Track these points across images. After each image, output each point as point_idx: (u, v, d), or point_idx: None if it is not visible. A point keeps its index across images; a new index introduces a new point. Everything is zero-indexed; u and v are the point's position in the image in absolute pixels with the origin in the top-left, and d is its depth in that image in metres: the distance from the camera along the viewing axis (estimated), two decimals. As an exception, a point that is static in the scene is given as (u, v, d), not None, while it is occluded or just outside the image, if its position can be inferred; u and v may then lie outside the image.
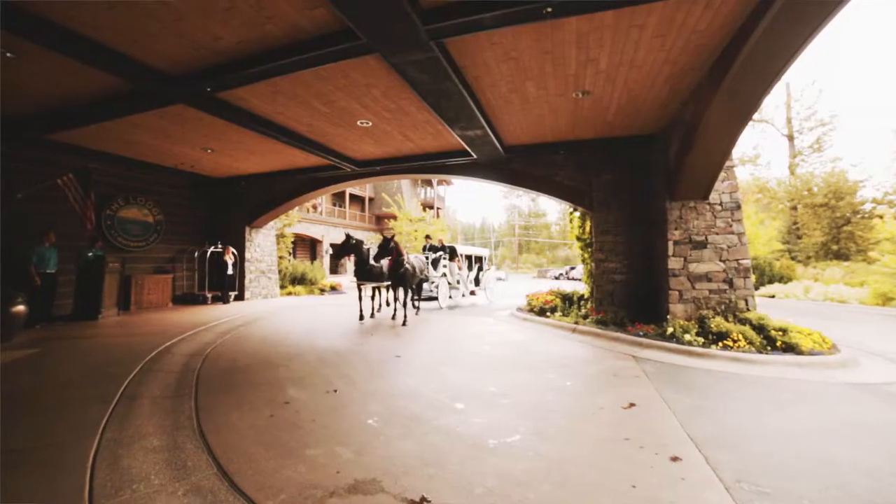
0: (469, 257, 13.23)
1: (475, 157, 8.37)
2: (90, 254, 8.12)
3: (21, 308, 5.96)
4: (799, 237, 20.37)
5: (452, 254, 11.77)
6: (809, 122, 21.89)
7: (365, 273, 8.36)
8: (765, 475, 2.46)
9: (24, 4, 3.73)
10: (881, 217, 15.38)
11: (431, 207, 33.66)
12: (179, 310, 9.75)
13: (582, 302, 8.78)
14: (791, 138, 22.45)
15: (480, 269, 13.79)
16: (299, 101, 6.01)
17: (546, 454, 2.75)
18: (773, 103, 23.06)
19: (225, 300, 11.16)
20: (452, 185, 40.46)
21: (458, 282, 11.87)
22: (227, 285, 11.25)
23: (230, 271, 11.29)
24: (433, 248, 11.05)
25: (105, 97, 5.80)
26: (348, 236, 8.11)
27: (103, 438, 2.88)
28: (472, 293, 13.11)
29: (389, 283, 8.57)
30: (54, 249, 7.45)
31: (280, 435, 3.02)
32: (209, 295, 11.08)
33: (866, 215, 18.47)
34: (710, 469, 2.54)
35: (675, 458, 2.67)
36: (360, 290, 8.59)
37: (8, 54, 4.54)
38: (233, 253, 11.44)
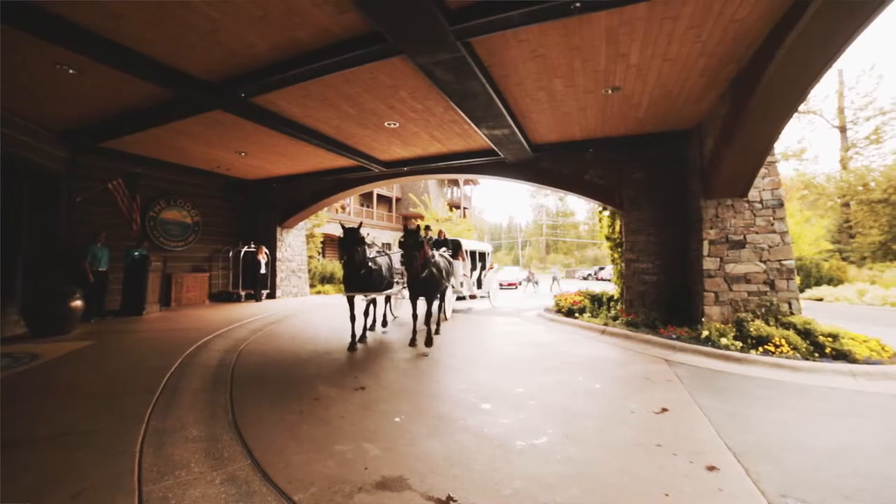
0: (471, 254, 11.36)
1: (502, 156, 8.31)
2: (136, 253, 8.64)
3: (78, 303, 6.42)
4: (852, 236, 19.03)
5: (456, 249, 9.43)
6: (866, 112, 20.26)
7: (359, 280, 5.92)
8: (813, 491, 2.31)
9: (78, 22, 4.00)
10: None
11: (458, 207, 33.67)
12: (215, 307, 10.20)
13: (612, 303, 8.54)
14: (843, 130, 20.94)
15: (483, 268, 12.19)
16: (328, 104, 6.16)
17: (574, 457, 2.70)
18: (821, 93, 21.64)
19: (257, 298, 11.57)
20: (479, 184, 40.32)
21: (461, 284, 9.76)
22: (260, 284, 11.66)
23: (263, 270, 11.70)
24: (435, 243, 8.35)
25: (151, 106, 6.15)
26: (345, 229, 5.89)
27: (149, 427, 3.06)
28: (472, 297, 11.86)
29: (411, 291, 6.24)
30: (105, 249, 7.96)
31: (310, 430, 3.11)
32: (243, 293, 11.52)
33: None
34: (751, 481, 2.41)
35: (711, 468, 2.56)
36: (351, 304, 6.01)
37: (70, 71, 4.91)
38: (266, 252, 11.85)
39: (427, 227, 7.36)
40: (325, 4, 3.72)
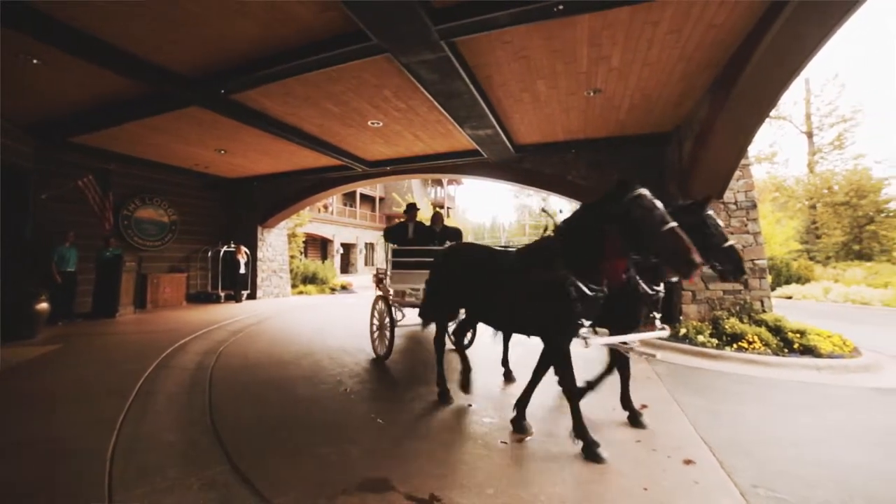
0: None
1: (486, 156, 8.35)
2: (109, 252, 8.33)
3: (44, 305, 6.15)
4: (818, 237, 19.86)
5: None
6: (830, 119, 21.21)
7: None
8: (783, 482, 2.40)
9: (50, 12, 3.83)
10: None
11: (442, 207, 33.66)
12: (193, 308, 9.93)
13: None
14: (810, 135, 21.85)
15: None
16: (311, 102, 6.07)
17: (557, 455, 2.73)
18: (791, 99, 22.47)
19: (237, 299, 11.32)
20: (462, 184, 40.39)
21: None
22: (240, 284, 11.40)
23: (242, 270, 11.44)
24: (431, 234, 5.72)
25: (125, 100, 5.92)
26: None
27: (121, 432, 2.95)
28: None
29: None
30: (74, 249, 7.64)
31: (291, 432, 3.06)
32: (222, 294, 11.26)
33: (891, 214, 17.91)
34: (725, 473, 2.49)
35: (688, 462, 2.63)
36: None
37: (35, 61, 4.68)
38: (245, 252, 11.59)
39: (412, 205, 5.95)
40: (308, 1, 3.67)
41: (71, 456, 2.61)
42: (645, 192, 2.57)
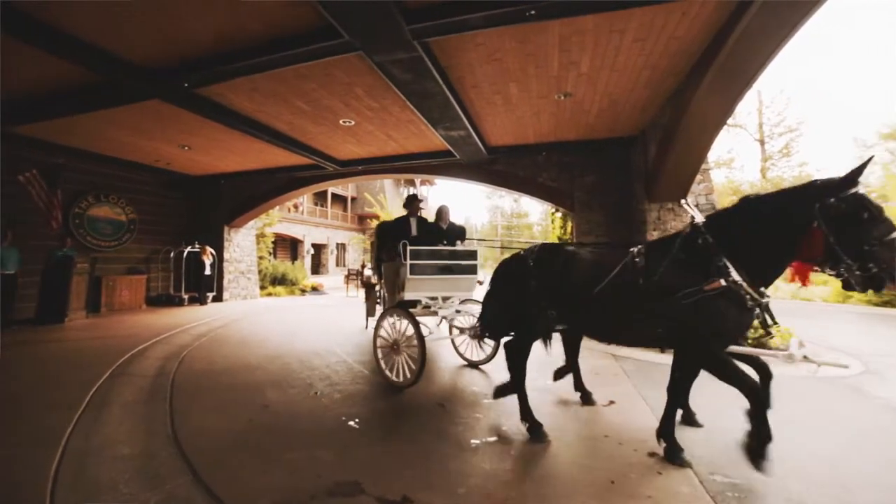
0: None
1: (458, 157, 8.38)
2: (60, 253, 7.78)
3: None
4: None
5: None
6: (779, 129, 22.73)
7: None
8: (735, 468, 2.53)
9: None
10: None
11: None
12: (154, 312, 9.45)
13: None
14: (762, 143, 23.26)
15: None
16: (280, 99, 5.90)
17: (528, 452, 2.77)
18: (745, 109, 23.83)
19: (202, 301, 10.86)
20: (435, 185, 40.41)
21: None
22: (205, 286, 10.95)
23: (208, 272, 10.99)
24: (438, 232, 4.98)
25: (75, 89, 5.54)
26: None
27: (67, 448, 2.75)
28: None
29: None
30: (14, 249, 7.09)
31: (259, 439, 2.96)
32: (186, 296, 10.76)
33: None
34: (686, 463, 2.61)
35: (652, 454, 2.73)
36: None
37: None
38: (211, 253, 11.14)
39: (414, 196, 5.10)
40: (276, -6, 3.57)
41: (4, 476, 2.41)
42: (862, 190, 2.18)
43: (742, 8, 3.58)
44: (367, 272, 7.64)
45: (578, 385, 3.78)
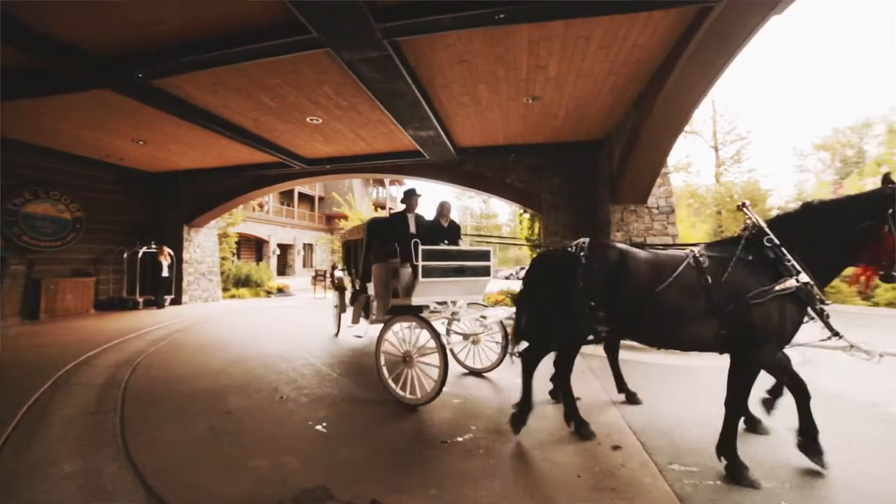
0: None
1: (428, 157, 8.37)
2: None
3: None
4: (723, 239, 22.46)
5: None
6: (730, 136, 24.32)
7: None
8: (692, 456, 2.68)
9: None
10: None
11: (384, 208, 33.21)
12: (104, 316, 8.86)
13: (532, 301, 9.05)
14: (716, 149, 24.73)
15: None
16: (244, 94, 5.69)
17: (498, 451, 2.80)
18: (701, 117, 25.25)
19: (159, 304, 10.29)
20: (405, 185, 40.19)
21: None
22: (162, 288, 10.38)
23: (165, 273, 10.43)
24: (439, 230, 4.64)
25: (8, 71, 4.98)
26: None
27: (-1, 466, 2.53)
28: None
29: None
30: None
31: (220, 447, 2.83)
32: (140, 299, 10.18)
33: (775, 219, 20.86)
34: (647, 454, 2.72)
35: (616, 447, 2.83)
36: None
37: None
38: (169, 253, 10.56)
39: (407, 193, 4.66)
40: (240, -16, 3.44)
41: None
42: None
43: (698, 21, 3.79)
44: (339, 273, 7.16)
45: (621, 386, 3.77)
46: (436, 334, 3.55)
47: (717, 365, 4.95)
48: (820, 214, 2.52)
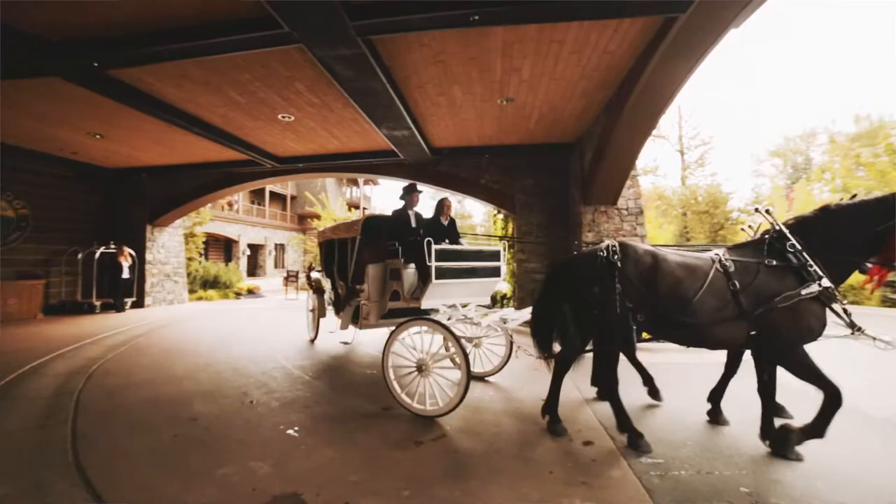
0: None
1: (402, 157, 8.33)
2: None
3: None
4: (688, 239, 23.44)
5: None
6: (695, 141, 25.49)
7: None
8: (659, 448, 2.78)
9: None
10: (742, 223, 18.35)
11: (357, 207, 32.73)
12: (55, 321, 8.32)
13: (505, 301, 9.16)
14: (682, 153, 25.84)
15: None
16: (212, 89, 5.48)
17: (472, 450, 2.82)
18: (668, 122, 26.33)
19: (119, 308, 9.76)
20: (379, 185, 39.78)
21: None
22: (123, 291, 9.86)
23: (126, 275, 9.89)
24: (440, 229, 4.37)
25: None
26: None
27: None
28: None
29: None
30: None
31: (186, 455, 2.71)
32: (97, 303, 9.62)
33: (735, 222, 21.91)
34: (616, 450, 2.80)
35: (587, 443, 2.90)
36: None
37: None
38: (130, 254, 10.04)
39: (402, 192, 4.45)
40: (206, -26, 3.31)
41: None
42: None
43: (664, 31, 3.95)
44: (315, 275, 6.90)
45: (648, 381, 3.83)
46: (457, 340, 3.33)
47: (685, 361, 5.16)
48: (836, 218, 2.66)
